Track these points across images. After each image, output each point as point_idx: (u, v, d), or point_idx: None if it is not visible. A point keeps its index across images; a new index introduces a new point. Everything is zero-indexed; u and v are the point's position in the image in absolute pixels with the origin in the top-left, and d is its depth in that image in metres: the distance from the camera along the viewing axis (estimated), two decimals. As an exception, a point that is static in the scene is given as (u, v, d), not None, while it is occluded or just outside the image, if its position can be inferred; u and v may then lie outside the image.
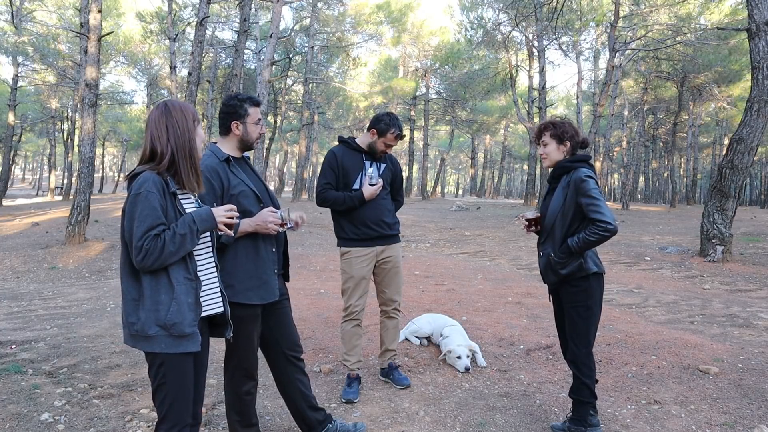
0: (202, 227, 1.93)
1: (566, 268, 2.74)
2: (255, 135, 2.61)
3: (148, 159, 1.95)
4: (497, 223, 17.40)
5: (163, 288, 1.88)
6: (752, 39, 8.54)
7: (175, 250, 1.85)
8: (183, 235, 1.87)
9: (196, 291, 1.95)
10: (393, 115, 3.44)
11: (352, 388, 3.43)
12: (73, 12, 21.47)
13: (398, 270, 3.54)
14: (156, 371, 1.93)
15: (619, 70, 22.98)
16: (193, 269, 1.95)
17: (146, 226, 1.83)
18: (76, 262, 9.69)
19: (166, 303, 1.87)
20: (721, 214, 8.90)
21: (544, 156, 2.91)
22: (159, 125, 1.94)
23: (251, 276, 2.49)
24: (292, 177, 56.79)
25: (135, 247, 1.82)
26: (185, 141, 1.95)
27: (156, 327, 1.86)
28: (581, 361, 2.78)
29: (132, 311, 1.89)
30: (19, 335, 4.79)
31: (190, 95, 12.95)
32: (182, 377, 1.95)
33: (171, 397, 1.94)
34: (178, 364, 1.93)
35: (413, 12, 29.25)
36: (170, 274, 1.89)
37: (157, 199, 1.86)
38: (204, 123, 29.90)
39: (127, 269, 1.92)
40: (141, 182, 1.87)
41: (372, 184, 3.38)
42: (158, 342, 1.88)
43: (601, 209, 2.63)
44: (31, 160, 71.98)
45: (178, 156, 1.94)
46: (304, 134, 26.99)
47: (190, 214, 1.93)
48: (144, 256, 1.81)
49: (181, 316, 1.88)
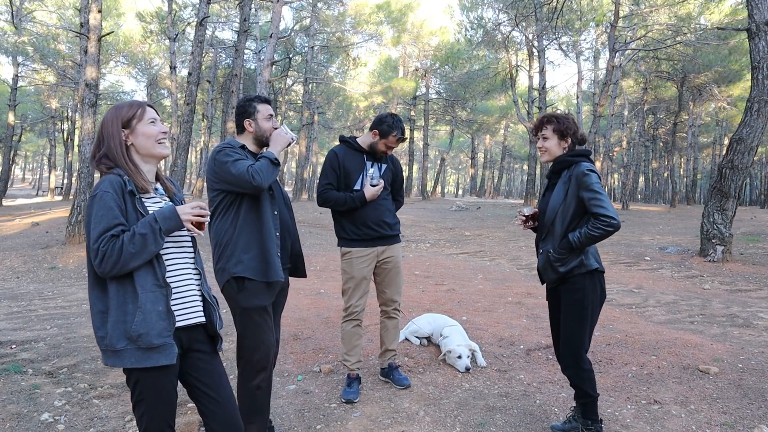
0: (165, 226, 1.77)
1: (565, 265, 2.67)
2: (266, 128, 2.71)
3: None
4: (497, 223, 17.40)
5: (130, 297, 1.75)
6: (752, 39, 8.54)
7: (135, 252, 1.71)
8: (143, 235, 1.72)
9: (166, 299, 1.79)
10: (396, 117, 3.42)
11: (352, 388, 3.42)
12: (73, 12, 21.47)
13: (399, 270, 3.54)
14: (132, 387, 1.81)
15: (619, 70, 22.98)
16: (162, 275, 1.80)
17: (102, 228, 1.72)
18: (76, 262, 9.69)
19: (132, 313, 1.73)
20: (721, 214, 8.90)
21: (542, 149, 2.82)
22: (97, 134, 1.93)
23: (255, 255, 2.56)
24: (292, 177, 56.79)
25: (92, 250, 1.70)
26: (116, 146, 1.86)
27: (124, 340, 1.73)
28: (577, 364, 2.69)
29: (100, 325, 1.76)
30: (19, 335, 4.79)
31: (190, 95, 12.95)
32: (159, 393, 1.81)
33: (149, 414, 1.81)
34: (153, 379, 1.78)
35: (413, 12, 29.25)
36: (135, 282, 1.75)
37: (113, 198, 1.76)
38: (204, 123, 29.90)
39: (92, 280, 1.79)
40: (97, 184, 1.81)
41: (373, 184, 3.39)
42: (127, 356, 1.73)
43: (604, 204, 2.56)
44: (31, 160, 71.99)
45: (117, 162, 1.85)
46: (304, 134, 26.99)
47: (152, 213, 1.80)
48: (102, 260, 1.69)
49: (147, 326, 1.73)
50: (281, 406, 3.31)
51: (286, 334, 4.53)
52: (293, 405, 3.32)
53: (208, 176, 2.63)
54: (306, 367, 3.98)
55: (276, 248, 2.61)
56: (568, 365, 2.74)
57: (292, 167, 51.89)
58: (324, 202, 3.40)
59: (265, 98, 2.75)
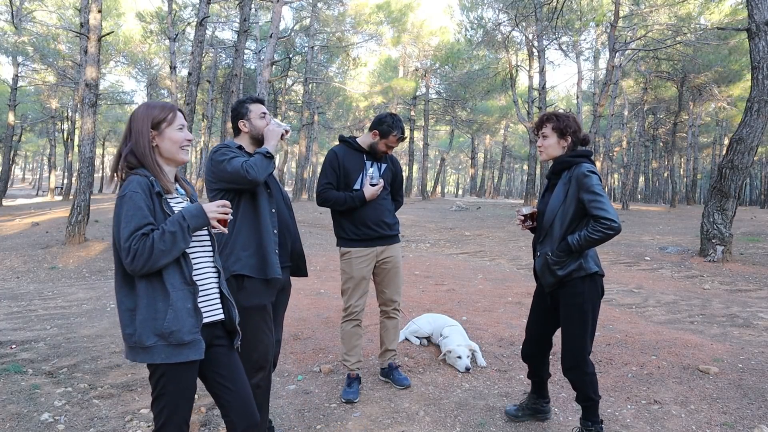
0: (193, 224, 1.84)
1: (563, 268, 2.62)
2: (260, 126, 2.73)
3: None
4: (497, 223, 17.40)
5: (159, 295, 1.80)
6: (752, 39, 8.54)
7: (166, 249, 1.76)
8: (173, 233, 1.78)
9: (194, 296, 1.87)
10: (395, 117, 3.42)
11: (352, 388, 3.42)
12: (73, 12, 21.48)
13: (398, 270, 3.54)
14: (156, 381, 1.86)
15: (619, 70, 22.98)
16: (189, 273, 1.87)
17: (133, 226, 1.76)
18: (76, 262, 9.70)
19: (162, 311, 1.79)
20: (721, 214, 8.90)
21: (541, 148, 2.78)
22: (126, 128, 1.96)
23: (253, 253, 2.58)
24: (292, 177, 56.79)
25: (123, 248, 1.75)
26: (143, 145, 1.90)
27: (154, 337, 1.78)
28: (579, 368, 2.66)
29: (129, 322, 1.81)
30: (19, 335, 4.79)
31: (190, 95, 12.95)
32: (183, 388, 1.88)
33: (170, 408, 1.87)
34: (179, 374, 1.85)
35: (413, 12, 29.25)
36: (165, 280, 1.81)
37: (142, 199, 1.80)
38: (204, 123, 29.89)
39: (120, 278, 1.84)
40: (125, 185, 1.84)
41: (373, 184, 3.39)
42: (157, 352, 1.79)
43: (605, 206, 2.51)
44: (31, 160, 71.98)
45: (140, 161, 1.90)
46: (304, 134, 27.00)
47: (179, 211, 1.86)
48: (133, 258, 1.74)
49: (180, 324, 1.80)
50: (281, 406, 3.31)
51: (286, 334, 4.52)
52: (293, 405, 3.32)
53: (207, 177, 2.66)
54: (306, 367, 3.98)
55: (273, 246, 2.63)
56: (570, 368, 2.70)
57: (292, 167, 51.89)
58: (324, 202, 3.40)
59: (256, 98, 2.80)
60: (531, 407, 3.07)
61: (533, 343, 2.95)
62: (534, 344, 2.95)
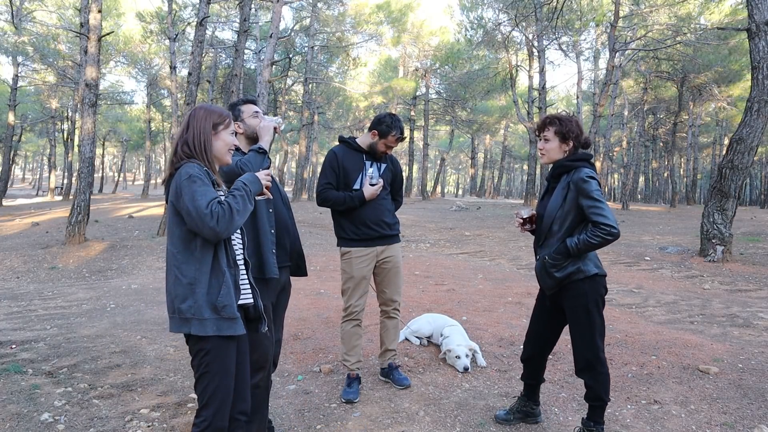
0: (254, 189, 2.07)
1: (561, 271, 2.62)
2: (253, 125, 2.78)
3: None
4: (497, 223, 17.39)
5: (214, 272, 1.99)
6: (752, 39, 8.54)
7: (240, 210, 1.97)
8: (242, 196, 2.00)
9: (236, 278, 2.07)
10: (395, 117, 3.43)
11: (352, 388, 3.42)
12: (73, 12, 21.48)
13: (398, 270, 3.55)
14: (201, 360, 2.00)
15: (619, 70, 22.98)
16: (233, 257, 2.07)
17: (209, 197, 1.94)
18: (76, 262, 9.70)
19: (216, 286, 1.98)
20: (721, 214, 8.90)
21: (542, 151, 2.76)
22: (183, 123, 2.14)
23: (251, 253, 2.60)
24: (292, 177, 56.80)
25: (204, 214, 1.89)
26: (200, 140, 2.09)
27: (209, 310, 1.96)
28: (593, 368, 2.65)
29: (187, 294, 1.96)
30: (19, 335, 4.79)
31: (190, 95, 12.94)
32: (225, 364, 2.02)
33: (214, 383, 2.00)
34: (223, 350, 2.00)
35: (413, 12, 29.23)
36: (219, 259, 2.00)
37: (208, 182, 2.00)
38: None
39: (180, 255, 1.99)
40: (187, 169, 1.98)
41: (372, 183, 3.39)
42: (211, 325, 1.96)
43: (604, 212, 2.51)
44: (31, 160, 71.98)
45: (195, 152, 2.07)
46: (304, 134, 26.99)
47: (239, 179, 2.08)
48: (217, 219, 1.90)
49: (231, 299, 1.99)
50: (281, 406, 3.31)
51: (286, 334, 4.52)
52: (293, 405, 3.32)
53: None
54: (306, 367, 3.98)
55: (271, 245, 2.64)
56: (583, 369, 2.69)
57: (292, 167, 51.90)
58: (323, 202, 3.40)
59: (247, 99, 2.86)
60: (521, 410, 3.06)
61: (534, 344, 2.94)
62: (535, 346, 2.94)
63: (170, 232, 2.04)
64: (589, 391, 2.71)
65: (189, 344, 2.04)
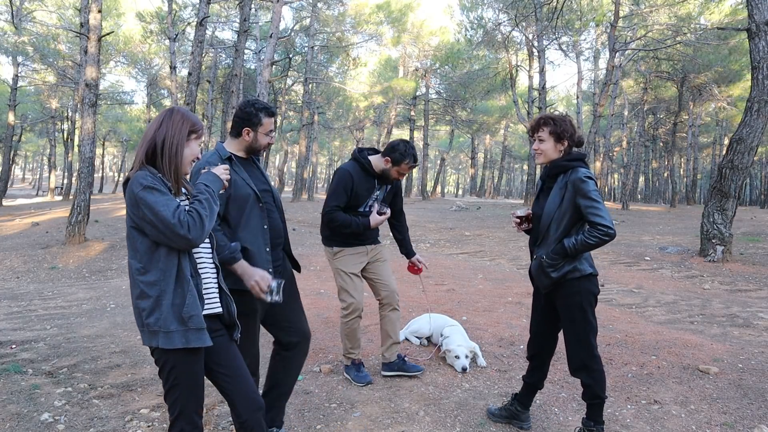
0: (215, 188, 2.04)
1: (557, 270, 2.64)
2: (263, 143, 2.66)
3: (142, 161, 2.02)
4: (497, 223, 17.39)
5: (179, 281, 1.93)
6: (752, 39, 8.54)
7: (208, 214, 1.93)
8: (206, 199, 1.96)
9: (199, 287, 2.00)
10: (408, 144, 3.47)
11: (363, 372, 3.57)
12: (73, 12, 21.47)
13: (387, 263, 3.71)
14: (168, 373, 1.95)
15: (619, 70, 22.98)
16: (194, 265, 2.00)
17: (172, 207, 1.87)
18: (76, 262, 9.70)
19: (181, 296, 1.92)
20: (721, 214, 8.90)
21: (537, 152, 2.78)
22: (155, 122, 2.05)
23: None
24: (292, 177, 56.78)
25: (173, 224, 1.83)
26: (173, 143, 2.00)
27: (176, 322, 1.90)
28: (588, 366, 2.67)
29: (154, 307, 1.90)
30: (19, 335, 4.79)
31: (190, 95, 12.94)
32: (193, 376, 1.98)
33: (183, 397, 1.97)
34: (189, 363, 1.95)
35: (413, 12, 29.21)
36: (183, 268, 1.94)
37: (165, 189, 1.93)
38: (204, 123, 29.87)
39: (143, 268, 1.92)
40: (140, 180, 1.89)
41: (381, 212, 3.48)
42: (179, 337, 1.90)
43: (602, 212, 2.53)
44: (31, 160, 71.97)
45: (160, 152, 1.98)
46: (304, 134, 26.98)
47: (199, 182, 2.04)
48: (188, 228, 1.86)
49: (197, 309, 1.93)
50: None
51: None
52: (293, 405, 3.32)
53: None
54: (306, 367, 3.98)
55: (267, 265, 2.60)
56: (578, 369, 2.71)
57: (292, 167, 51.89)
58: (330, 222, 3.45)
59: (272, 111, 2.66)
60: (509, 409, 3.05)
61: (537, 341, 2.96)
62: (537, 343, 2.95)
63: (131, 246, 1.96)
64: (586, 390, 2.72)
65: (154, 356, 1.97)
